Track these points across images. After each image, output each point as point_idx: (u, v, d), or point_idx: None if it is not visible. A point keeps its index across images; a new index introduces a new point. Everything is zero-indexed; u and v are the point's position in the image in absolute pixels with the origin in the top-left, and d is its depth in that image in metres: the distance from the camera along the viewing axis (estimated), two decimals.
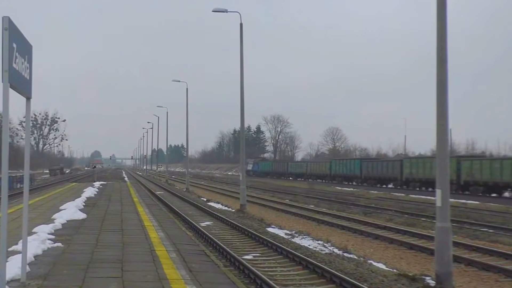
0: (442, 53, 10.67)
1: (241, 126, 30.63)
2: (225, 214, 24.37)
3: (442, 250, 10.38)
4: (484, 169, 41.98)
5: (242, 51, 28.86)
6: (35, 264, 9.60)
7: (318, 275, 11.76)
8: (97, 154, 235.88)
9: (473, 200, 35.96)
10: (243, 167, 29.62)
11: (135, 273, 9.06)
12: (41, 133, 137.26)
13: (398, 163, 53.55)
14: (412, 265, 14.10)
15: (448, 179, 10.69)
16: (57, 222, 15.68)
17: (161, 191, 44.49)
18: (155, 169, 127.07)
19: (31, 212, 17.55)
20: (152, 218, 18.96)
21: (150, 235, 14.20)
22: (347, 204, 32.69)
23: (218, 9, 29.51)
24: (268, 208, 30.48)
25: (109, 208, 22.80)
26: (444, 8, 10.70)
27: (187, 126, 53.58)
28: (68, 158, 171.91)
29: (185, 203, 32.28)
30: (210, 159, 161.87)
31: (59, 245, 11.86)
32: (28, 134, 8.34)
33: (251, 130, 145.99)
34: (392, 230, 20.36)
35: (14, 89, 6.75)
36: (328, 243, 17.07)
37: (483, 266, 13.41)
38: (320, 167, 73.10)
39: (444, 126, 10.68)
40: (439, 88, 10.69)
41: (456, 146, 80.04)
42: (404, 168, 51.41)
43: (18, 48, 6.60)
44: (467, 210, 27.64)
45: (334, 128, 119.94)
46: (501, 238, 18.45)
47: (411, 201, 34.94)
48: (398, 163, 53.45)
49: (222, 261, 12.71)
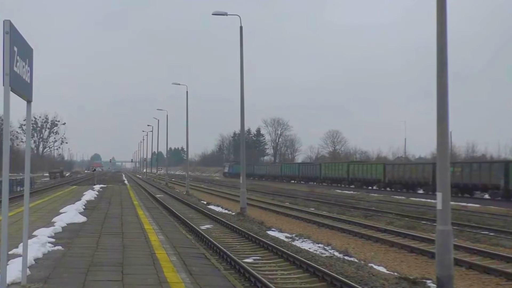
0: (442, 56, 10.66)
1: (241, 129, 30.62)
2: (225, 217, 24.35)
3: (443, 253, 10.35)
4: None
5: (242, 54, 28.86)
6: (36, 267, 9.59)
7: (318, 278, 11.75)
8: (97, 157, 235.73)
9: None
10: (244, 170, 29.59)
11: (135, 277, 9.05)
12: (41, 136, 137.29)
13: (381, 166, 58.37)
14: (413, 268, 14.08)
15: (449, 182, 10.66)
16: (57, 225, 15.68)
17: (161, 194, 44.46)
18: (155, 172, 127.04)
19: (31, 215, 17.53)
20: (152, 221, 18.94)
21: (150, 238, 14.19)
22: (347, 207, 32.68)
23: (218, 12, 29.50)
24: (268, 211, 30.46)
25: (109, 211, 22.78)
26: (444, 12, 10.69)
27: (187, 129, 53.61)
28: (68, 161, 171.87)
29: (185, 206, 32.25)
30: (210, 162, 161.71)
31: (60, 248, 11.86)
32: (28, 137, 8.33)
33: (251, 133, 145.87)
34: (392, 233, 20.35)
35: (15, 92, 6.75)
36: (328, 246, 17.05)
37: (484, 269, 13.39)
38: (274, 169, 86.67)
39: (444, 129, 10.67)
40: (440, 91, 10.68)
41: (457, 149, 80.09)
42: (386, 171, 55.85)
43: (19, 51, 6.61)
44: (468, 213, 27.62)
45: (334, 131, 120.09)
46: (502, 241, 18.43)
47: (412, 204, 34.92)
48: (381, 166, 58.24)
49: (222, 264, 12.69)
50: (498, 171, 39.70)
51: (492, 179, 39.98)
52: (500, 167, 40.11)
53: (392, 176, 54.47)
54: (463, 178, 42.50)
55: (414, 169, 51.23)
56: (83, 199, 27.73)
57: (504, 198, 37.83)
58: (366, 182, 59.73)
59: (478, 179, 41.40)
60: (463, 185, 42.63)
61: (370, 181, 59.23)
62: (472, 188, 42.67)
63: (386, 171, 55.89)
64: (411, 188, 50.66)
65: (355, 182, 61.64)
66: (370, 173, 59.16)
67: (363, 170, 60.87)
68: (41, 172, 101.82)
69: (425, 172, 48.42)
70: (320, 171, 71.35)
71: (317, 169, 73.18)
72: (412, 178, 50.76)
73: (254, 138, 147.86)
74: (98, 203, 27.13)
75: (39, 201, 28.10)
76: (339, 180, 65.29)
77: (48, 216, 18.98)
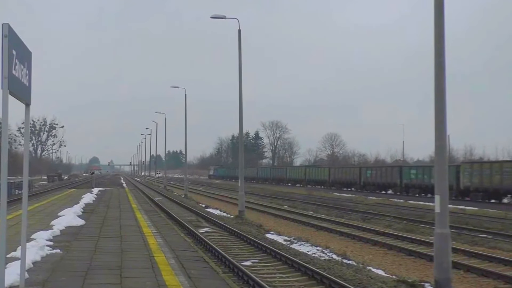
0: (440, 59, 10.69)
1: (240, 131, 30.64)
2: (223, 220, 24.35)
3: (441, 256, 10.37)
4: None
5: (240, 57, 28.92)
6: (34, 270, 9.58)
7: (317, 281, 11.75)
8: (95, 160, 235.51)
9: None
10: (242, 173, 29.60)
11: (134, 280, 9.04)
12: (40, 139, 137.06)
13: (357, 169, 63.05)
14: (411, 271, 14.08)
15: (447, 185, 10.68)
16: (56, 229, 15.66)
17: (159, 197, 44.43)
18: (154, 175, 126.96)
19: (29, 219, 17.48)
20: (150, 225, 18.93)
21: (149, 241, 14.18)
22: (346, 210, 32.69)
23: (217, 16, 29.55)
24: (267, 214, 30.46)
25: (107, 214, 22.77)
26: (441, 15, 10.73)
27: (185, 132, 53.58)
28: (66, 164, 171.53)
29: (184, 209, 32.24)
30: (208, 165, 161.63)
31: (58, 252, 11.84)
32: (27, 140, 8.34)
33: (249, 136, 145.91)
34: (391, 236, 20.35)
35: (13, 96, 6.75)
36: (327, 249, 17.06)
37: (482, 272, 13.39)
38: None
39: (442, 133, 10.69)
40: (437, 94, 10.71)
41: (455, 152, 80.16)
42: (362, 174, 60.05)
43: (18, 55, 6.61)
44: (466, 216, 27.64)
45: (333, 134, 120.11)
46: (500, 244, 18.44)
47: (410, 207, 34.93)
48: (357, 169, 62.83)
49: (221, 267, 12.69)
50: (395, 173, 53.55)
51: (393, 179, 53.68)
52: (396, 170, 53.76)
53: (367, 178, 58.97)
54: (376, 178, 57.10)
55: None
56: (82, 202, 27.71)
57: (400, 193, 50.84)
58: (345, 184, 63.57)
59: (385, 179, 55.25)
60: (376, 184, 56.87)
61: (348, 183, 62.80)
62: (381, 186, 55.86)
63: (361, 174, 60.28)
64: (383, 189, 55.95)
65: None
66: (349, 176, 62.74)
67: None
68: (39, 175, 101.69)
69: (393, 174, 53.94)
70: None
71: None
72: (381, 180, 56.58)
73: (253, 141, 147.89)
74: (96, 206, 27.11)
75: (37, 204, 28.07)
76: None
77: (46, 219, 18.96)
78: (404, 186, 51.51)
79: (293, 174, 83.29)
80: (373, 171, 59.35)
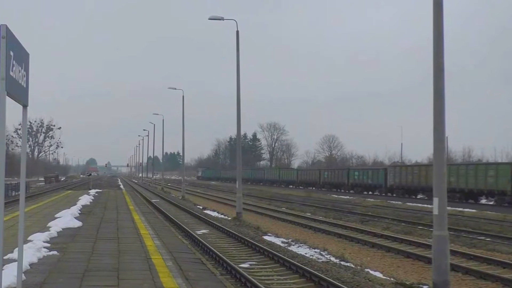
0: (439, 60, 10.68)
1: (238, 133, 30.62)
2: (221, 222, 24.31)
3: (439, 258, 10.35)
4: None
5: (238, 58, 28.88)
6: (31, 272, 9.54)
7: (315, 283, 11.72)
8: (93, 161, 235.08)
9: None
10: (240, 175, 29.58)
11: (131, 282, 9.01)
12: (37, 140, 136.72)
13: (345, 171, 66.01)
14: (410, 274, 14.06)
15: (445, 188, 10.66)
16: (53, 230, 15.62)
17: (157, 199, 44.38)
18: (151, 176, 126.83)
19: (26, 220, 17.45)
20: (148, 226, 18.89)
21: (146, 243, 14.14)
22: (344, 212, 32.67)
23: (215, 17, 29.55)
24: (265, 216, 30.42)
25: (104, 216, 22.71)
26: (440, 16, 10.72)
27: (183, 133, 53.45)
28: (63, 166, 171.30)
29: (181, 211, 32.20)
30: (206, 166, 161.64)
31: (55, 253, 11.81)
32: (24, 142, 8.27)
33: (247, 138, 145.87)
34: (389, 238, 20.34)
35: (10, 97, 6.73)
36: (324, 251, 17.03)
37: (481, 275, 13.38)
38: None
39: (441, 134, 10.68)
40: (436, 96, 10.70)
41: (453, 154, 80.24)
42: (349, 176, 64.01)
43: (15, 56, 6.58)
44: (464, 219, 27.65)
45: (331, 135, 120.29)
46: (498, 246, 18.44)
47: (408, 209, 34.94)
48: (346, 171, 65.83)
49: (218, 270, 12.66)
50: (344, 174, 64.59)
51: (342, 179, 64.58)
52: (345, 172, 64.97)
53: (354, 179, 62.63)
54: (331, 179, 68.23)
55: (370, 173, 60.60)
56: (79, 204, 27.64)
57: (348, 192, 60.86)
58: (334, 185, 67.73)
59: (340, 179, 65.61)
60: (331, 183, 67.59)
61: (337, 184, 66.92)
62: (336, 185, 66.27)
63: (349, 175, 64.07)
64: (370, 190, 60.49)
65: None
66: (338, 177, 66.72)
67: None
68: (36, 177, 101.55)
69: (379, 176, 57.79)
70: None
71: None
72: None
73: (250, 143, 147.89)
74: (93, 208, 27.04)
75: (34, 206, 27.99)
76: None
77: (43, 221, 18.91)
78: (350, 185, 62.05)
79: (270, 176, 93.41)
80: (329, 173, 70.44)
